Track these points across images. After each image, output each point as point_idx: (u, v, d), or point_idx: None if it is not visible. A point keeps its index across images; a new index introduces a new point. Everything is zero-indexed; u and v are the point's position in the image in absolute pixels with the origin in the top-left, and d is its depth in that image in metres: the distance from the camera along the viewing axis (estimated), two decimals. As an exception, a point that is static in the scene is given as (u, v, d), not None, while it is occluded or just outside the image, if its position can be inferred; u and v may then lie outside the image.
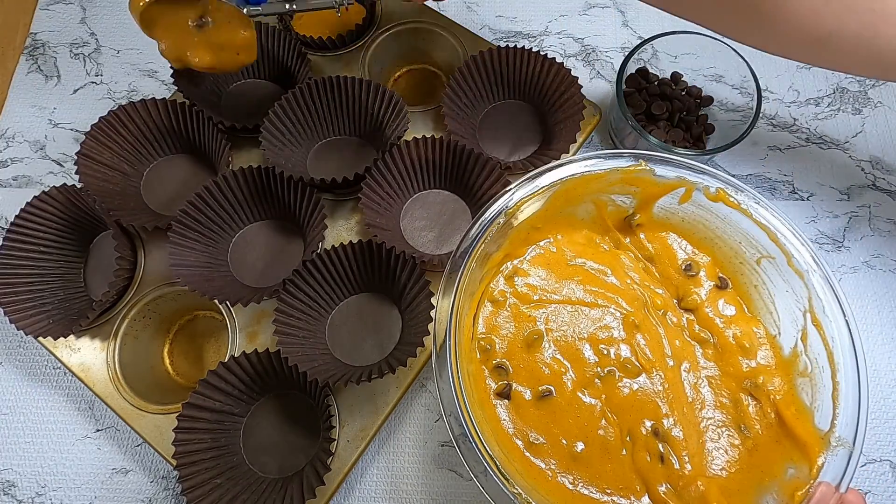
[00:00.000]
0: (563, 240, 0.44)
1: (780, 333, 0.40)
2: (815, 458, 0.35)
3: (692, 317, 0.42)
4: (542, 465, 0.38)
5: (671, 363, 0.40)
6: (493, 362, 0.40)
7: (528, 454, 0.38)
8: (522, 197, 0.40)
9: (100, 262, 0.50)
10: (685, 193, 0.41)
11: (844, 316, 0.36)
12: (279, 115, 0.49)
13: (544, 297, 0.42)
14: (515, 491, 0.34)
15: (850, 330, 0.36)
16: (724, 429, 0.39)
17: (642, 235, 0.44)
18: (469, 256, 0.38)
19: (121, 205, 0.48)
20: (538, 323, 0.41)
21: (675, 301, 0.43)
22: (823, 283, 0.37)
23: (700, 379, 0.40)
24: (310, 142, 0.52)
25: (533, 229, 0.42)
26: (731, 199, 0.39)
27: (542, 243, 0.43)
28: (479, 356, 0.40)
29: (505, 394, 0.39)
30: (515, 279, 0.42)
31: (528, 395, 0.39)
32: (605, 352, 0.40)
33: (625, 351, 0.40)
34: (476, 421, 0.34)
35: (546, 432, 0.38)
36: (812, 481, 0.34)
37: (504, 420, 0.39)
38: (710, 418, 0.39)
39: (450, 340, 0.36)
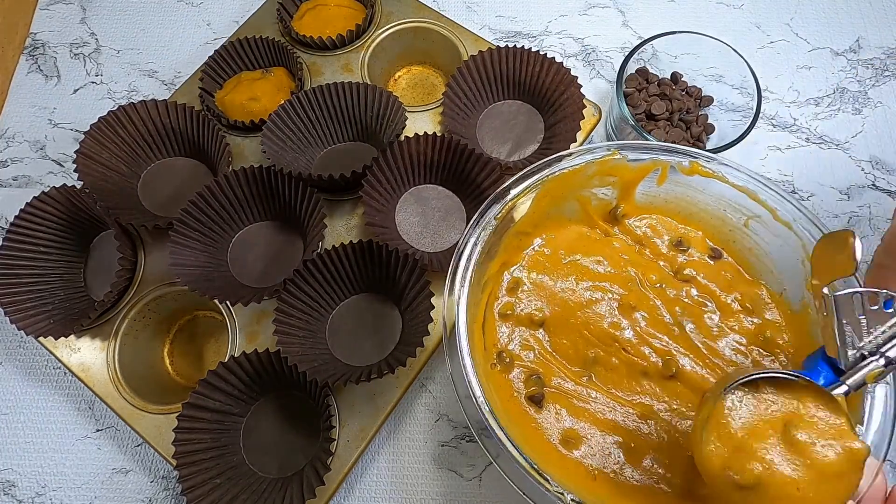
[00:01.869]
0: (556, 239, 0.44)
1: (786, 289, 0.40)
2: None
3: (691, 287, 0.43)
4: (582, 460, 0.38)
5: (676, 331, 0.40)
6: (516, 372, 0.40)
7: (563, 451, 0.38)
8: (508, 201, 0.40)
9: (100, 263, 0.50)
10: (661, 174, 0.42)
11: None
12: (278, 124, 0.49)
13: (544, 303, 0.42)
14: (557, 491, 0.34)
15: None
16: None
17: (629, 221, 0.44)
18: (468, 272, 0.38)
19: (118, 204, 0.48)
20: (539, 332, 0.41)
21: (672, 273, 0.43)
22: (812, 227, 0.38)
23: (710, 337, 0.41)
24: (314, 149, 0.52)
25: (523, 235, 0.42)
26: (705, 169, 0.40)
27: (535, 246, 0.44)
28: (498, 367, 0.40)
29: (537, 399, 0.39)
30: (516, 290, 0.43)
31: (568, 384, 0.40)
32: (618, 344, 0.41)
33: (628, 333, 0.41)
34: (504, 427, 0.35)
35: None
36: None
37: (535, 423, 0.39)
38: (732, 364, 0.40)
39: (465, 364, 0.36)
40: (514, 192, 0.40)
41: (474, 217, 0.39)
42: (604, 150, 0.41)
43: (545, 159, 0.41)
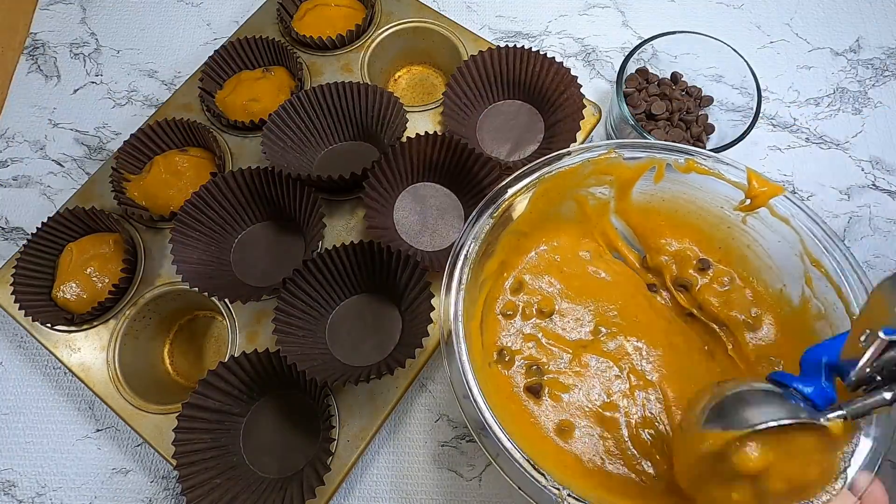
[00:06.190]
0: (557, 246, 0.44)
1: (785, 285, 0.41)
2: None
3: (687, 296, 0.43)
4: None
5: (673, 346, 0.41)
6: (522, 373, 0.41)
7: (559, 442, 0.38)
8: (506, 199, 0.40)
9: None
10: (657, 172, 0.42)
11: (839, 247, 0.36)
12: (278, 124, 0.49)
13: (543, 309, 0.42)
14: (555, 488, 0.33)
15: (848, 259, 0.36)
16: None
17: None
18: (465, 271, 0.38)
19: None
20: (545, 321, 0.42)
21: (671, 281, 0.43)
22: (809, 222, 0.38)
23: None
24: (314, 150, 0.52)
25: (521, 234, 0.42)
26: (701, 166, 0.40)
27: (533, 252, 0.44)
28: (498, 365, 0.40)
29: (535, 390, 0.39)
30: (520, 289, 0.43)
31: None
32: (616, 370, 0.41)
33: (636, 361, 0.41)
34: (502, 425, 0.34)
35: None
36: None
37: (532, 413, 0.39)
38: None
39: (463, 364, 0.36)
40: (511, 190, 0.40)
41: (472, 215, 0.39)
42: (601, 148, 0.41)
43: (542, 158, 0.41)
